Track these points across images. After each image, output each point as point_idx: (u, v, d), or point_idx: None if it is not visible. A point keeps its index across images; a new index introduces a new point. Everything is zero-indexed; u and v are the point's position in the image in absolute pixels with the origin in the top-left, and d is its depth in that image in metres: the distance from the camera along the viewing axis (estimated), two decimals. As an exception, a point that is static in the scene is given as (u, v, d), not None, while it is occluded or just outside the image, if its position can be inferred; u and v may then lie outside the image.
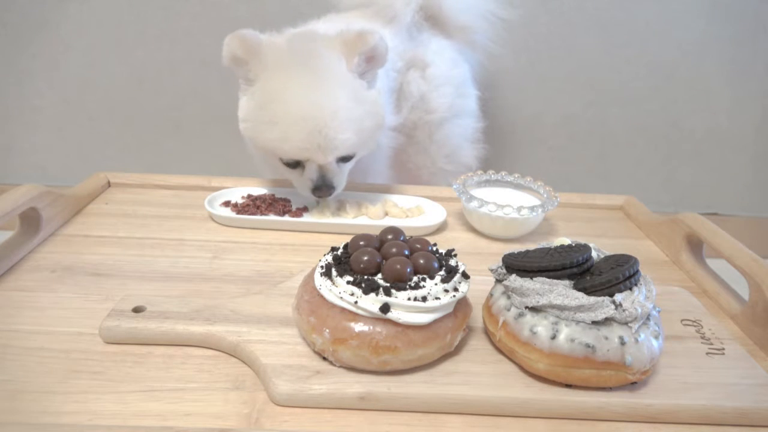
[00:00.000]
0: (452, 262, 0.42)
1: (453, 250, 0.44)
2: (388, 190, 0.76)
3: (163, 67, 1.13)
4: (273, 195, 0.71)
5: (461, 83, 0.89)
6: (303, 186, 0.66)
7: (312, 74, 0.61)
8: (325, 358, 0.39)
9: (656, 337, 0.38)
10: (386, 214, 0.69)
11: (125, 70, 1.13)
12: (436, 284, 0.39)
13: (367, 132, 0.64)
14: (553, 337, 0.37)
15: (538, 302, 0.38)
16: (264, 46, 0.63)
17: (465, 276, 0.41)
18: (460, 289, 0.40)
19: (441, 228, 0.68)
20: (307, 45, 0.64)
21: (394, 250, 0.41)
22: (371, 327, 0.37)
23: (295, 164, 0.64)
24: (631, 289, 0.38)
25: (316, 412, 0.37)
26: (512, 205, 0.62)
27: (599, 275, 0.38)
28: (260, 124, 0.62)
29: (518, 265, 0.41)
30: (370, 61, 0.64)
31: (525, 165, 1.22)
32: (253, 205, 0.67)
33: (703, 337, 0.45)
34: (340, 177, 0.66)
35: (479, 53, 0.95)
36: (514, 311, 0.39)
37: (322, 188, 0.64)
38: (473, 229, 0.68)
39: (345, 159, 0.65)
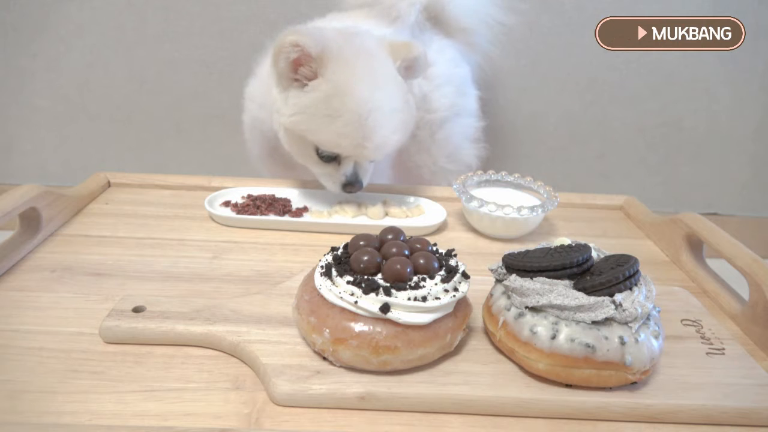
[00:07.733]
0: (452, 262, 0.42)
1: (453, 250, 0.44)
2: (388, 190, 0.76)
3: (163, 67, 1.13)
4: (273, 195, 0.71)
5: (462, 83, 0.89)
6: (334, 180, 0.67)
7: (374, 73, 0.63)
8: (325, 358, 0.39)
9: (656, 337, 0.38)
10: (386, 214, 0.69)
11: (125, 70, 1.13)
12: (436, 284, 0.39)
13: (408, 134, 0.68)
14: (553, 337, 0.37)
15: (538, 302, 0.38)
16: (331, 43, 0.61)
17: (465, 276, 0.41)
18: (460, 289, 0.40)
19: (441, 228, 0.68)
20: (365, 42, 0.65)
21: (394, 250, 0.41)
22: (371, 327, 0.37)
23: (332, 159, 0.66)
24: (631, 289, 0.39)
25: (316, 412, 0.37)
26: (512, 205, 0.62)
27: (599, 275, 0.38)
28: (320, 117, 0.61)
29: (518, 265, 0.41)
30: (408, 69, 0.67)
31: (525, 165, 1.22)
32: (253, 205, 0.67)
33: (703, 337, 0.45)
34: (369, 174, 0.69)
35: (479, 54, 0.95)
36: (514, 311, 0.39)
37: (355, 184, 0.67)
38: (473, 229, 0.68)
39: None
